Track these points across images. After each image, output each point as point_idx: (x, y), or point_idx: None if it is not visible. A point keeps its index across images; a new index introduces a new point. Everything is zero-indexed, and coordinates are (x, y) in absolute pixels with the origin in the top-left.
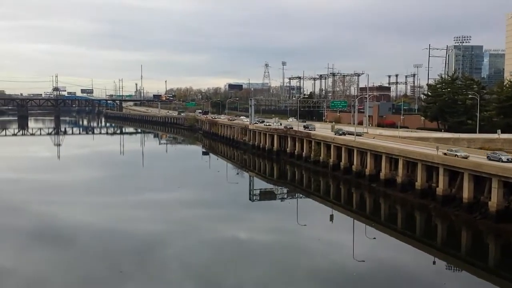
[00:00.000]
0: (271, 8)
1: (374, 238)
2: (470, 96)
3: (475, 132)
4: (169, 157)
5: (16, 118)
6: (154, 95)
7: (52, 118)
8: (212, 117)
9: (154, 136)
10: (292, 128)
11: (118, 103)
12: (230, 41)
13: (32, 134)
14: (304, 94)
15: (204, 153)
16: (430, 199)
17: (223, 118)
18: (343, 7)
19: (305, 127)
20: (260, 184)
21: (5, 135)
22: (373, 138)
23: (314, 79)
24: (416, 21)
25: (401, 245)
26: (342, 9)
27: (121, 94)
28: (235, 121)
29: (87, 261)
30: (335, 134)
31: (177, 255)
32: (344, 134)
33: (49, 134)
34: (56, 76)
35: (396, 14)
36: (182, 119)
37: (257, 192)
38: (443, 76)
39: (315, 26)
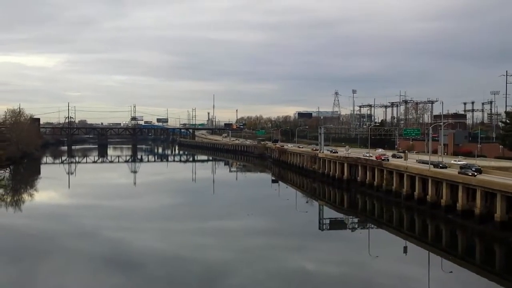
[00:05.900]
0: (338, 37)
1: (451, 272)
2: None
3: None
4: (239, 185)
5: (97, 146)
6: (225, 123)
7: (130, 146)
8: (280, 145)
9: (225, 164)
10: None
11: (191, 132)
12: (299, 70)
13: (111, 162)
14: (375, 122)
15: (273, 181)
16: (510, 231)
17: (290, 147)
18: (411, 34)
19: (394, 155)
20: (330, 213)
21: (86, 162)
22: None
23: (386, 106)
24: (490, 47)
25: (480, 279)
26: (411, 37)
27: (194, 123)
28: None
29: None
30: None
31: (242, 285)
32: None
33: (126, 161)
34: (134, 106)
35: (469, 40)
36: (252, 147)
37: (327, 221)
38: None
39: (384, 53)
